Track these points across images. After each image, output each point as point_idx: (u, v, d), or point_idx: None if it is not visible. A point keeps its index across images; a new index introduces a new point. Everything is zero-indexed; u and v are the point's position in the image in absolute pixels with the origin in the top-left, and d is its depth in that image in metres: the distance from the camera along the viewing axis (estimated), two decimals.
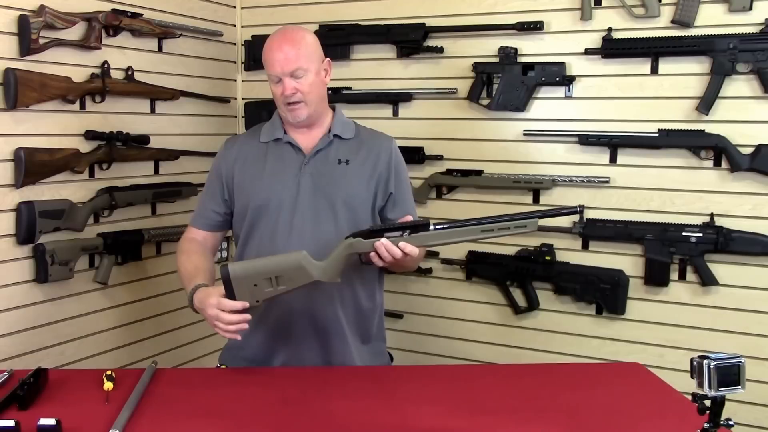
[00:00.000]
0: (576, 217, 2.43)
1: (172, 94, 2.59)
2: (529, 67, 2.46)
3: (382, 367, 1.84)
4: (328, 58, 1.80)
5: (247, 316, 1.55)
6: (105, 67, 2.33)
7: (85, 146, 2.31)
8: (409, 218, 1.59)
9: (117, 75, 2.38)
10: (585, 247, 2.46)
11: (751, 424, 2.23)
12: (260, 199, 1.76)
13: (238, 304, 1.53)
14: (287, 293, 1.57)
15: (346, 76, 2.73)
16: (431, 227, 1.53)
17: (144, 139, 2.47)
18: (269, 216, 1.75)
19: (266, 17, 2.91)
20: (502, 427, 1.36)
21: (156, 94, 2.54)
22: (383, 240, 1.52)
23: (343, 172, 1.76)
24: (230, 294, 1.55)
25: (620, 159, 2.39)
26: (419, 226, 1.54)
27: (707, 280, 2.27)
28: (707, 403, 1.09)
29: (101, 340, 2.43)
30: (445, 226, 1.54)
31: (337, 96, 2.68)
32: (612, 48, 2.34)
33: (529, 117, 2.51)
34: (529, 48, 2.49)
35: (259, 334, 1.78)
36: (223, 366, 1.86)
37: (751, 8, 2.18)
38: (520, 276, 2.53)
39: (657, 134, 2.31)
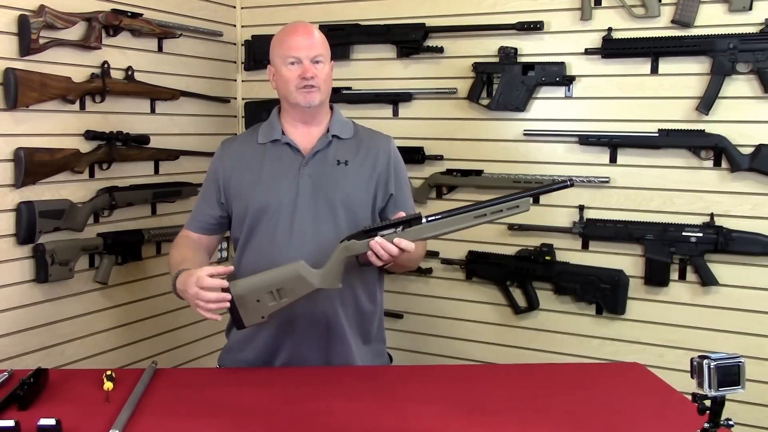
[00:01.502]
0: (576, 217, 2.44)
1: (172, 94, 2.59)
2: (529, 67, 2.46)
3: (382, 367, 1.84)
4: (331, 61, 1.81)
5: (227, 296, 1.53)
6: (105, 67, 2.33)
7: (85, 146, 2.31)
8: (402, 214, 1.59)
9: (117, 75, 2.39)
10: (585, 247, 2.46)
11: (751, 424, 2.23)
12: (259, 202, 1.74)
13: (216, 282, 1.52)
14: (291, 305, 1.57)
15: (346, 76, 2.73)
16: (424, 220, 1.54)
17: (144, 139, 2.47)
18: (269, 219, 1.74)
19: (266, 17, 2.91)
20: (502, 427, 1.36)
21: (156, 94, 2.54)
22: (377, 238, 1.52)
23: (342, 173, 1.75)
24: (235, 313, 1.56)
25: (620, 159, 2.39)
26: (412, 221, 1.54)
27: (707, 280, 2.27)
28: (707, 403, 1.09)
29: (101, 340, 2.43)
30: (437, 217, 1.54)
31: (337, 96, 2.67)
32: (612, 48, 2.34)
33: (529, 117, 2.51)
34: (529, 48, 2.49)
35: (259, 337, 1.77)
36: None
37: (751, 8, 2.18)
38: (520, 276, 2.54)
39: (657, 134, 2.31)
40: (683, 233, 2.29)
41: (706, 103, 2.22)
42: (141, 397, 1.45)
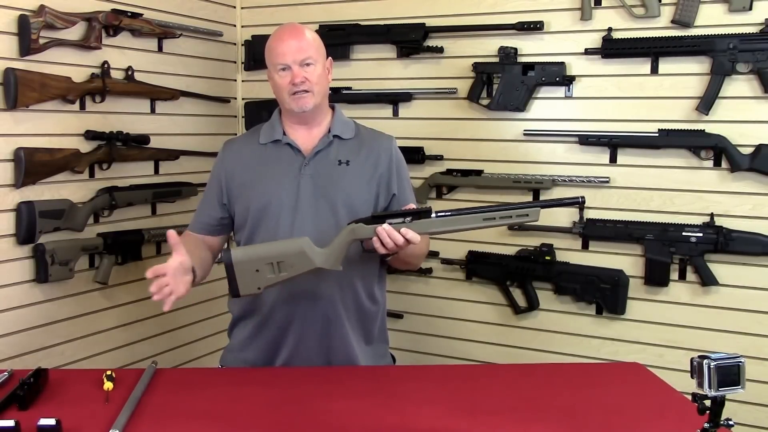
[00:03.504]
0: (576, 217, 2.44)
1: (172, 94, 2.59)
2: (529, 67, 2.46)
3: (382, 367, 1.84)
4: (330, 58, 1.80)
5: (166, 281, 1.49)
6: (105, 67, 2.33)
7: (85, 146, 2.31)
8: (412, 206, 1.60)
9: (117, 75, 2.39)
10: (585, 247, 2.46)
11: (751, 424, 2.23)
12: (260, 202, 1.74)
13: (161, 268, 1.49)
14: (289, 280, 1.57)
15: (346, 76, 2.73)
16: (433, 215, 1.54)
17: (144, 139, 2.47)
18: (269, 219, 1.73)
19: (266, 17, 2.91)
20: (502, 427, 1.36)
21: (156, 94, 2.54)
22: (385, 225, 1.53)
23: (344, 173, 1.75)
24: (232, 279, 1.54)
25: (620, 159, 2.39)
26: (421, 213, 1.55)
27: (707, 280, 2.27)
28: (707, 403, 1.09)
29: (101, 340, 2.43)
30: (447, 213, 1.55)
31: (337, 96, 2.68)
32: (612, 48, 2.34)
33: (529, 117, 2.51)
34: (529, 48, 2.49)
35: (261, 336, 1.77)
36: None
37: (751, 8, 2.18)
38: (520, 276, 2.54)
39: (657, 134, 2.31)
40: (683, 233, 2.29)
41: (706, 103, 2.22)
42: (141, 397, 1.45)
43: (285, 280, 1.56)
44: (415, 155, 2.62)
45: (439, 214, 1.55)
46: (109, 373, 1.51)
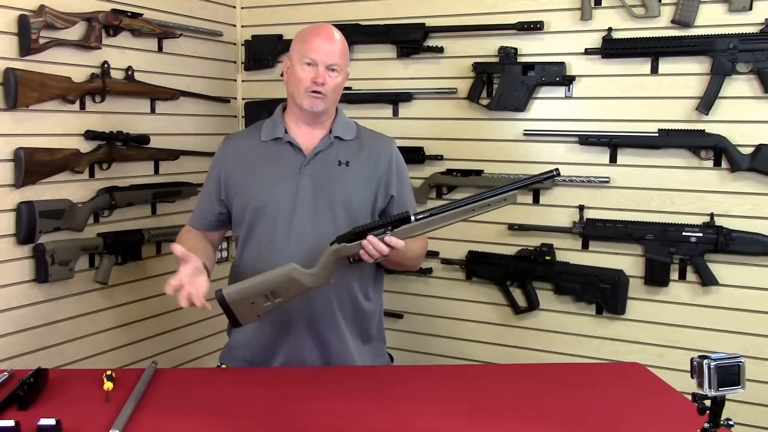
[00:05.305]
0: (576, 217, 2.44)
1: (172, 94, 2.59)
2: (529, 67, 2.46)
3: (382, 367, 1.84)
4: (348, 71, 1.80)
5: (186, 290, 1.56)
6: (105, 67, 2.33)
7: (85, 146, 2.31)
8: (409, 210, 1.61)
9: (117, 75, 2.39)
10: (585, 247, 2.46)
11: (751, 424, 2.23)
12: (259, 200, 1.75)
13: (177, 284, 1.56)
14: (285, 302, 1.58)
15: None
16: (412, 218, 1.55)
17: (144, 139, 2.47)
18: (268, 217, 1.74)
19: (266, 17, 2.91)
20: (502, 427, 1.36)
21: (156, 94, 2.54)
22: (369, 237, 1.54)
23: (343, 173, 1.75)
24: (231, 316, 1.56)
25: (620, 159, 2.39)
26: (400, 221, 1.55)
27: (707, 280, 2.27)
28: (707, 403, 1.09)
29: (101, 340, 2.43)
30: (425, 215, 1.55)
31: None
32: (612, 48, 2.34)
33: (529, 117, 2.51)
34: (529, 48, 2.49)
35: (258, 335, 1.78)
36: (223, 366, 1.86)
37: (751, 8, 2.18)
38: (520, 276, 2.54)
39: (657, 134, 2.31)
40: (683, 233, 2.29)
41: (706, 103, 2.22)
42: (141, 397, 1.45)
43: (282, 304, 1.57)
44: (415, 155, 2.62)
45: (417, 217, 1.55)
46: (109, 373, 1.51)
